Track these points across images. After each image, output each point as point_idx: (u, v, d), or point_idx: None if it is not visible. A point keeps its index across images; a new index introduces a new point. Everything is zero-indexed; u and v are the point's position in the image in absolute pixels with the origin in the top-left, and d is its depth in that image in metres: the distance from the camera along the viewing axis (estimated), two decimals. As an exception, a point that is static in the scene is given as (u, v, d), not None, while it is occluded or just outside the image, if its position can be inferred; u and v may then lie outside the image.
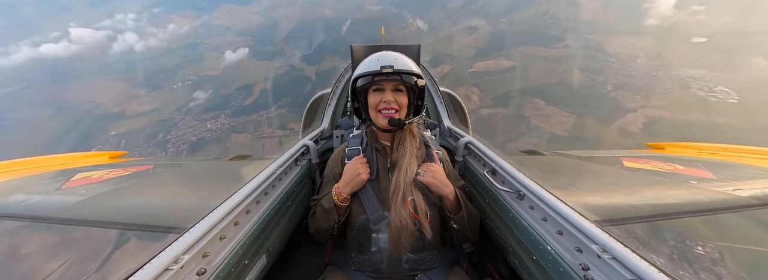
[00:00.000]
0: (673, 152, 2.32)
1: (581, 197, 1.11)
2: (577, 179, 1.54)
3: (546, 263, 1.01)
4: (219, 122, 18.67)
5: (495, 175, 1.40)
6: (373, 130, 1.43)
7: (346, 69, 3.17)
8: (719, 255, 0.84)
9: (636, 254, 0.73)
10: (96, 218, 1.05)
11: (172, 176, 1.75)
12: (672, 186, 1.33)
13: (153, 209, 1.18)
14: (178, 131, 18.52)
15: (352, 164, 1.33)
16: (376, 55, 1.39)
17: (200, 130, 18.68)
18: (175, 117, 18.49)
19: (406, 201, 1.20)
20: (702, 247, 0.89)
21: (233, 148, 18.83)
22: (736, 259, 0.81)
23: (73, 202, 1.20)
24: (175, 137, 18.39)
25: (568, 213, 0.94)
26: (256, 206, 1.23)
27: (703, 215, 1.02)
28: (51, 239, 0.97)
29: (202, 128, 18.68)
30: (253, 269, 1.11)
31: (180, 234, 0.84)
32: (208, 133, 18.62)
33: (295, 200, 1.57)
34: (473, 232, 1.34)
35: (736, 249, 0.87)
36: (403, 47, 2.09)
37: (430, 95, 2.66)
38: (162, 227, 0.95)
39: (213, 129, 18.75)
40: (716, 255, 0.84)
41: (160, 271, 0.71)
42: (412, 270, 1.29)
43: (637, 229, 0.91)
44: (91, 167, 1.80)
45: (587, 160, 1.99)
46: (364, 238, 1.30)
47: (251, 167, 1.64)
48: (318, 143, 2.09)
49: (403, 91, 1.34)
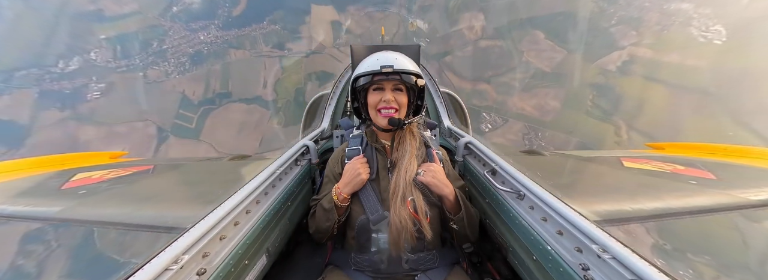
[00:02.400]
0: (673, 152, 2.32)
1: (581, 197, 1.11)
2: (577, 179, 1.55)
3: (546, 263, 1.01)
4: (211, 35, 18.09)
5: (495, 175, 1.40)
6: (373, 130, 1.43)
7: (346, 69, 3.17)
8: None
9: (636, 254, 0.73)
10: (96, 218, 1.05)
11: (172, 176, 1.75)
12: (672, 186, 1.32)
13: (153, 209, 1.18)
14: (172, 41, 17.91)
15: (351, 164, 1.33)
16: (376, 54, 1.39)
17: (195, 42, 18.10)
18: (163, 23, 17.84)
19: (406, 201, 1.20)
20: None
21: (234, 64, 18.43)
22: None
23: (73, 202, 1.20)
24: (171, 48, 17.85)
25: (568, 213, 0.94)
26: (256, 206, 1.23)
27: (703, 215, 1.02)
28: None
29: (196, 40, 18.07)
30: (253, 269, 1.11)
31: (180, 234, 0.84)
32: (204, 46, 18.06)
33: (295, 200, 1.57)
34: (473, 232, 1.34)
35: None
36: (403, 47, 2.10)
37: (430, 95, 2.66)
38: (162, 227, 0.95)
39: (207, 42, 18.16)
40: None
41: (160, 271, 0.71)
42: (412, 270, 1.29)
43: (637, 229, 0.91)
44: (91, 167, 1.80)
45: (587, 160, 1.99)
46: (364, 238, 1.30)
47: (251, 167, 1.64)
48: (318, 143, 2.09)
49: (403, 91, 1.34)
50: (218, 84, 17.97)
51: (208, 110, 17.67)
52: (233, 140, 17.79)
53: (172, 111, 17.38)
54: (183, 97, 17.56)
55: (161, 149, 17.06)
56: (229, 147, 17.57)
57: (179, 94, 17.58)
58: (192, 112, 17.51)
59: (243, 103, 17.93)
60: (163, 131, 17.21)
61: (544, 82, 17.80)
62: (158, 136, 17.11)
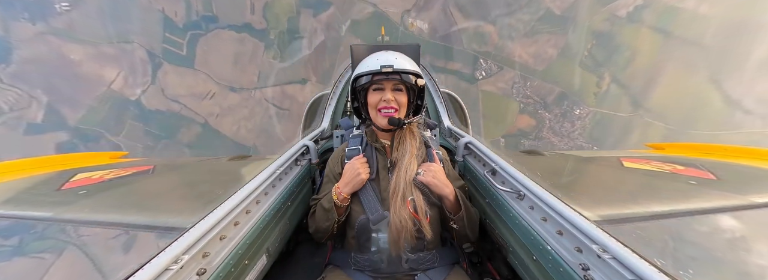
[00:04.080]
0: (674, 153, 2.32)
1: (581, 197, 1.11)
2: (577, 179, 1.54)
3: (546, 263, 1.01)
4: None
5: (495, 175, 1.40)
6: (372, 130, 1.43)
7: (346, 69, 3.17)
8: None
9: (636, 254, 0.73)
10: (96, 218, 1.05)
11: (172, 176, 1.75)
12: (672, 186, 1.32)
13: (153, 209, 1.18)
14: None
15: (351, 163, 1.33)
16: (376, 54, 1.39)
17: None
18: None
19: (405, 201, 1.20)
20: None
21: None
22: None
23: (73, 202, 1.20)
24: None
25: (568, 213, 0.94)
26: (256, 206, 1.23)
27: (703, 215, 1.02)
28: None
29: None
30: (253, 269, 1.11)
31: (180, 234, 0.84)
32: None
33: (295, 200, 1.57)
34: (473, 232, 1.35)
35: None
36: (403, 47, 2.10)
37: (430, 95, 2.66)
38: (162, 227, 0.95)
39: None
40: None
41: (160, 271, 0.71)
42: (412, 270, 1.29)
43: (637, 229, 0.91)
44: (91, 167, 1.80)
45: (587, 160, 1.99)
46: (363, 237, 1.30)
47: (251, 166, 1.64)
48: (318, 142, 2.09)
49: (403, 91, 1.34)
50: (200, 4, 17.17)
51: (197, 36, 17.09)
52: (230, 73, 17.23)
53: (158, 34, 16.81)
54: (165, 18, 16.89)
55: (158, 75, 16.45)
56: (228, 79, 17.01)
57: (159, 13, 16.87)
58: (179, 37, 16.94)
59: (233, 31, 17.31)
60: (155, 56, 16.67)
61: (549, 26, 17.16)
62: (152, 62, 16.57)
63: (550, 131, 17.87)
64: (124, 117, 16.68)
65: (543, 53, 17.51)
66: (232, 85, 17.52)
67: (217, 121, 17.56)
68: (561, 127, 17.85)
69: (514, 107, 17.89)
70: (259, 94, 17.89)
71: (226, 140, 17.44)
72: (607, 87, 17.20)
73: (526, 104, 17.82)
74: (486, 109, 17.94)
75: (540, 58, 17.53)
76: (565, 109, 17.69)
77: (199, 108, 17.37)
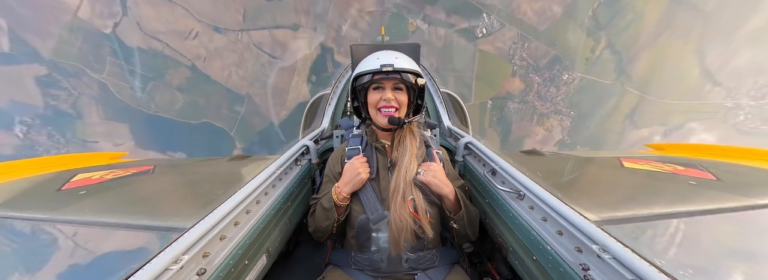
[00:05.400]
0: (673, 153, 2.32)
1: (581, 197, 1.11)
2: (577, 179, 1.54)
3: (546, 263, 1.01)
4: None
5: (495, 175, 1.40)
6: (373, 130, 1.43)
7: (346, 69, 3.18)
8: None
9: (636, 254, 0.73)
10: (96, 218, 1.05)
11: (172, 176, 1.75)
12: (672, 187, 1.32)
13: (153, 209, 1.18)
14: None
15: (351, 163, 1.33)
16: (376, 53, 1.39)
17: None
18: None
19: (406, 200, 1.20)
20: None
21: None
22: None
23: (73, 202, 1.20)
24: None
25: (568, 213, 0.94)
26: (256, 206, 1.23)
27: (703, 215, 1.02)
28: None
29: None
30: (253, 269, 1.11)
31: (180, 234, 0.84)
32: None
33: (295, 200, 1.57)
34: (473, 231, 1.35)
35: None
36: (403, 46, 2.10)
37: (430, 95, 2.66)
38: (162, 228, 0.95)
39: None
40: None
41: (160, 271, 0.71)
42: (412, 269, 1.29)
43: (637, 229, 0.91)
44: (91, 167, 1.80)
45: (587, 160, 1.99)
46: (363, 237, 1.30)
47: (251, 166, 1.64)
48: (318, 142, 2.09)
49: (403, 90, 1.34)
50: None
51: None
52: (210, 9, 15.51)
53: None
54: None
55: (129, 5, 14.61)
56: (210, 16, 15.43)
57: None
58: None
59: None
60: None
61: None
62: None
63: (535, 96, 17.38)
64: (102, 53, 14.81)
65: (548, 10, 16.77)
66: (215, 24, 15.95)
67: (205, 65, 15.96)
68: (547, 91, 17.37)
69: (507, 70, 17.31)
70: (247, 37, 16.32)
71: (218, 86, 16.06)
72: (601, 53, 16.63)
73: (520, 67, 17.27)
74: (480, 70, 17.33)
75: (544, 15, 16.81)
76: (555, 73, 17.18)
77: (184, 49, 15.64)
